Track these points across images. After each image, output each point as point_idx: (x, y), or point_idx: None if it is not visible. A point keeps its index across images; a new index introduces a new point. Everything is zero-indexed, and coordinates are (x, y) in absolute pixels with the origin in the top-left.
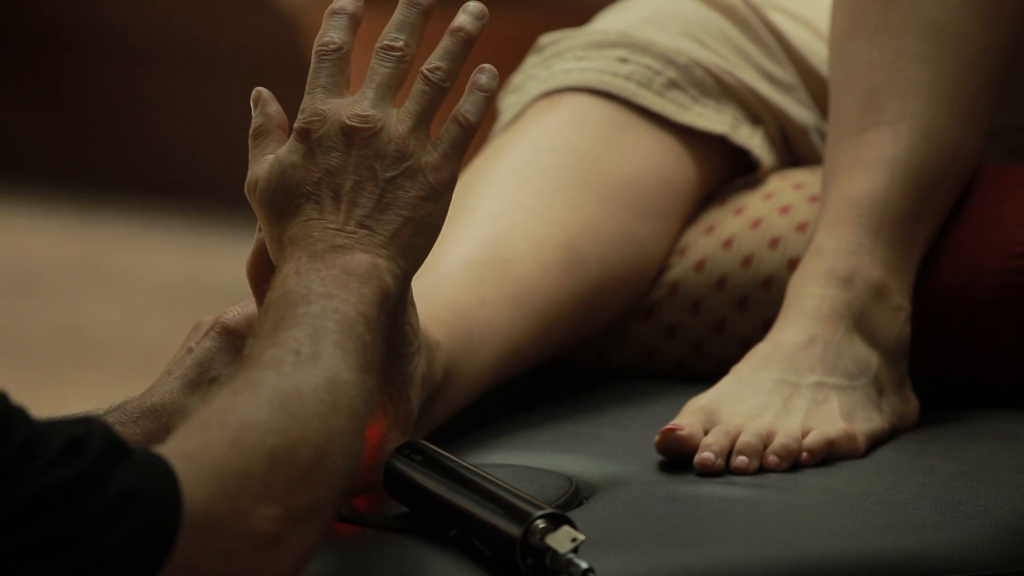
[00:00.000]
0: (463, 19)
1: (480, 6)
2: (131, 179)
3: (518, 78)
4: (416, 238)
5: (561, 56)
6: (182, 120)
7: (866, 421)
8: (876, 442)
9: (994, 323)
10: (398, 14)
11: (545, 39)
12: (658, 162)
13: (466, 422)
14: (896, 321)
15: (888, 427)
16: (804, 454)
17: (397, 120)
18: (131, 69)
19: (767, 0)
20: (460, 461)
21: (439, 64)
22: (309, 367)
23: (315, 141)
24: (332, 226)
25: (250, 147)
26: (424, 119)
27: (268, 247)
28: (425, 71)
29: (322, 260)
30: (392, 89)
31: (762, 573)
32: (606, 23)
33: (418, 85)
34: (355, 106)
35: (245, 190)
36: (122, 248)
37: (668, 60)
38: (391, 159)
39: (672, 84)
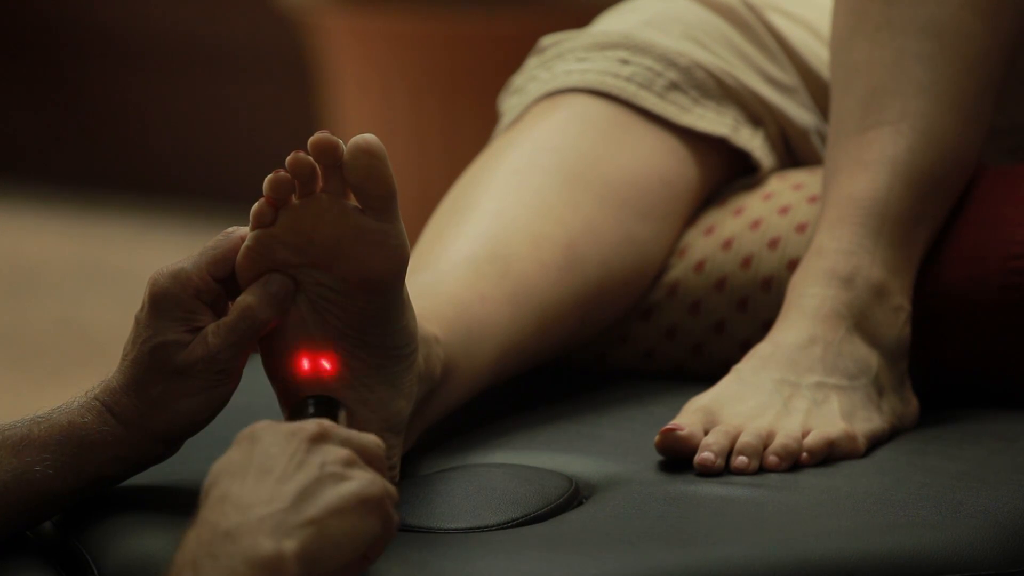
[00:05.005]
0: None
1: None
2: (131, 179)
3: (519, 79)
4: None
5: (562, 57)
6: (182, 120)
7: (866, 421)
8: (876, 442)
9: (994, 324)
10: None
11: (546, 40)
12: (659, 163)
13: (466, 422)
14: (896, 321)
15: (888, 427)
16: (804, 454)
17: None
18: (131, 69)
19: (767, 2)
20: None
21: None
22: None
23: None
24: None
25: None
26: None
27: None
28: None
29: None
30: None
31: (762, 573)
32: (607, 25)
33: None
34: None
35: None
36: (122, 248)
37: (669, 62)
38: None
39: (673, 86)
